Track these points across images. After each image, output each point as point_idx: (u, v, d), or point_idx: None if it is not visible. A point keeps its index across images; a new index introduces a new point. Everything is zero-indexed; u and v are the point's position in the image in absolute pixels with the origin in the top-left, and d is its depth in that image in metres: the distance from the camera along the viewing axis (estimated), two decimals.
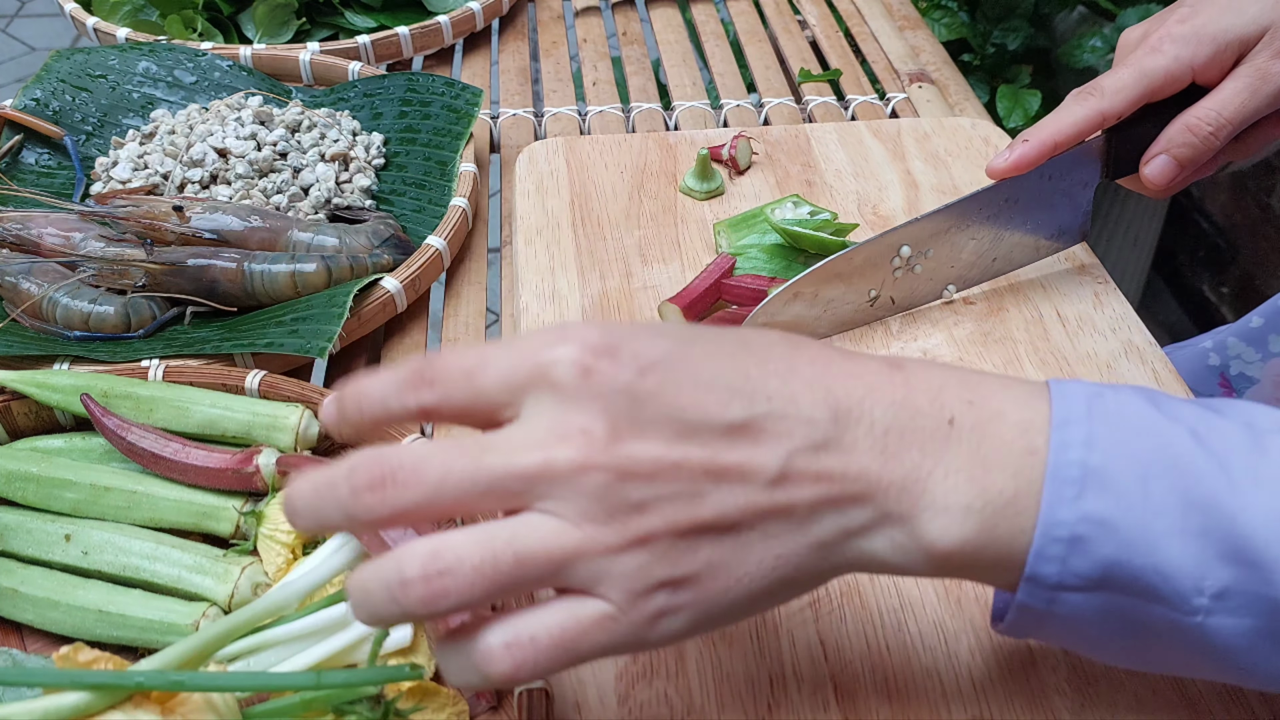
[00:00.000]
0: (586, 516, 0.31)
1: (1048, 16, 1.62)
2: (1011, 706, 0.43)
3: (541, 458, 0.31)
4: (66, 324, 0.60)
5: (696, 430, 0.32)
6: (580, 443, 0.31)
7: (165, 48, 0.81)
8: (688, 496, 0.32)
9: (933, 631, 0.45)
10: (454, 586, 0.31)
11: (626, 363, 0.32)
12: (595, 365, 0.32)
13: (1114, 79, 0.53)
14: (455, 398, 0.33)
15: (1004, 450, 0.34)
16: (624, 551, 0.31)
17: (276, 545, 0.47)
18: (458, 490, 0.31)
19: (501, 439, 0.32)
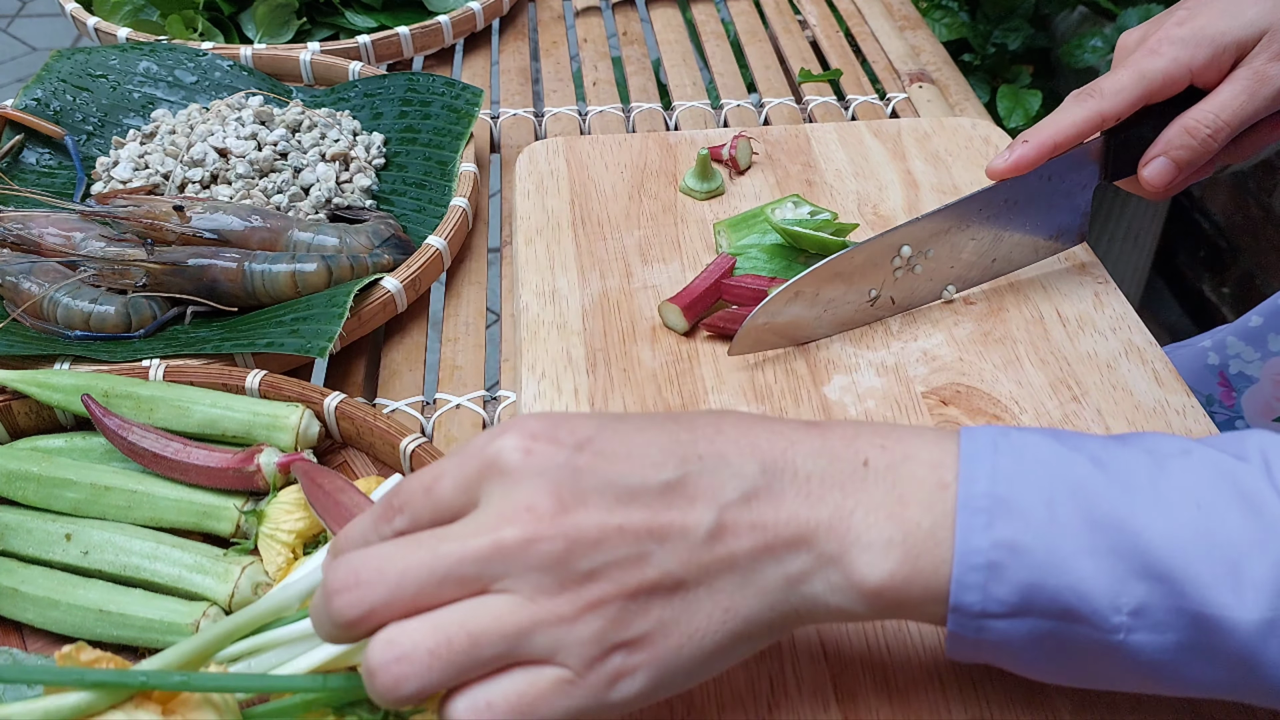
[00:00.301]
0: (539, 589, 0.33)
1: (1048, 16, 1.62)
2: (1011, 707, 0.43)
3: (492, 539, 0.33)
4: (67, 324, 0.60)
5: (635, 494, 0.34)
6: (526, 519, 0.33)
7: (166, 47, 0.81)
8: (634, 559, 0.33)
9: (933, 632, 0.45)
10: (412, 672, 0.32)
11: (564, 440, 0.35)
12: (534, 446, 0.34)
13: (1113, 81, 0.54)
14: (421, 516, 0.35)
15: (917, 486, 0.36)
16: (577, 619, 0.33)
17: (277, 544, 0.47)
18: (418, 582, 0.33)
19: (456, 529, 0.34)
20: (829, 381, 0.57)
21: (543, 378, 0.57)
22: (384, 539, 0.35)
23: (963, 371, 0.57)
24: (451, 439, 0.58)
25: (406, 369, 0.63)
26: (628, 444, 0.35)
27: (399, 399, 0.61)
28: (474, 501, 0.35)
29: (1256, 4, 0.53)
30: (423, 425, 0.59)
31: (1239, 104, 0.53)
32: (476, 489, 0.35)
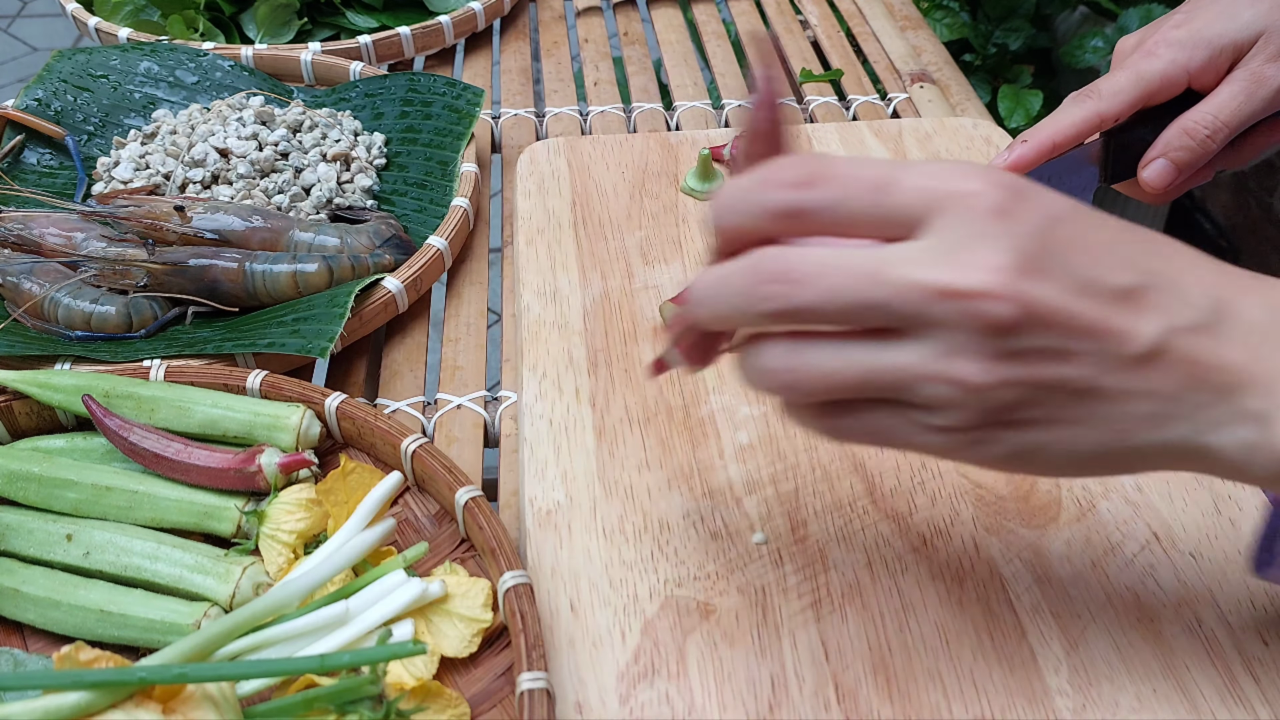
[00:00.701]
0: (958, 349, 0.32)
1: (1049, 17, 1.62)
2: (1013, 707, 0.43)
3: (946, 279, 0.32)
4: (68, 324, 0.60)
5: (1092, 287, 0.33)
6: (985, 273, 0.32)
7: (167, 48, 0.81)
8: (1064, 352, 0.33)
9: (934, 632, 0.45)
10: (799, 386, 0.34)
11: (1038, 210, 0.33)
12: (1012, 206, 0.33)
13: (1111, 82, 0.54)
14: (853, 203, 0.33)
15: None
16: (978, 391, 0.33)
17: (278, 545, 0.47)
18: (848, 300, 0.32)
19: (903, 253, 0.33)
20: None
21: (544, 378, 0.57)
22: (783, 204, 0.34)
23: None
24: (453, 439, 0.58)
25: (407, 369, 0.63)
26: (1096, 235, 0.34)
27: (400, 399, 0.61)
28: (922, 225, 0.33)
29: (1253, 6, 0.53)
30: (424, 425, 0.59)
31: (1237, 105, 0.53)
32: (929, 216, 0.33)
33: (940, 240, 0.33)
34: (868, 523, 0.50)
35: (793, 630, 0.45)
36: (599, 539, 0.49)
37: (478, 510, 0.48)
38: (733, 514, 0.50)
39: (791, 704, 0.43)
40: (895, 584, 0.47)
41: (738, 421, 0.54)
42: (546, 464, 0.52)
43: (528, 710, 0.40)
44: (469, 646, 0.44)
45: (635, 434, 0.54)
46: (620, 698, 0.43)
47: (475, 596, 0.45)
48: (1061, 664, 0.44)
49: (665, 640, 0.45)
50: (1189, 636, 0.45)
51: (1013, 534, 0.49)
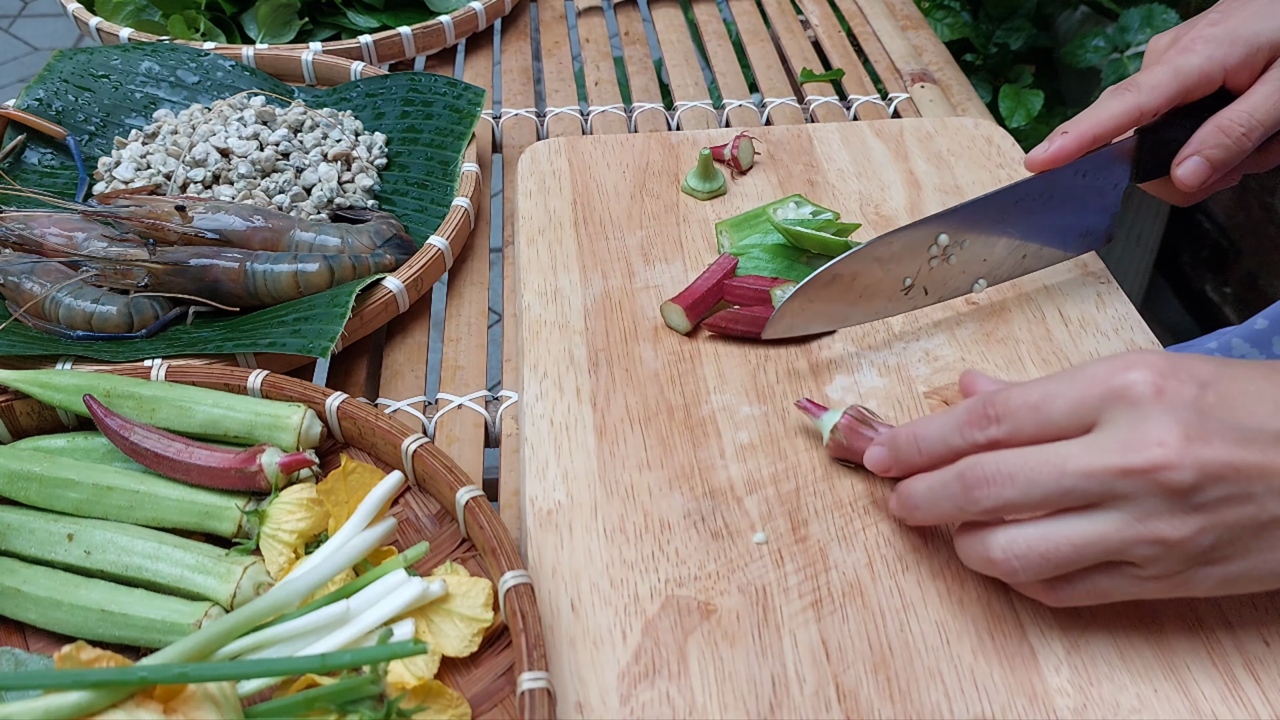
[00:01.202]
0: (1150, 513, 0.39)
1: (1050, 16, 1.62)
2: (1014, 707, 0.43)
3: (1123, 460, 0.38)
4: (69, 324, 0.60)
5: (1253, 438, 0.39)
6: (1157, 449, 0.38)
7: (168, 48, 0.81)
8: (1242, 496, 0.38)
9: (935, 632, 0.45)
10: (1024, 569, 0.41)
11: (1189, 380, 0.39)
12: (1164, 384, 0.39)
13: (1149, 76, 0.54)
14: (1023, 429, 0.41)
15: None
16: (1177, 544, 0.39)
17: (279, 545, 0.47)
18: (1044, 489, 0.40)
19: (1079, 447, 0.39)
20: (831, 381, 0.57)
21: (545, 377, 0.57)
22: (969, 443, 0.42)
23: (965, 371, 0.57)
24: (453, 439, 0.58)
25: (408, 369, 0.63)
26: (1245, 389, 0.40)
27: (401, 399, 0.61)
28: (1087, 425, 0.40)
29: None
30: (425, 425, 0.59)
31: (1272, 104, 0.53)
32: (1095, 414, 0.40)
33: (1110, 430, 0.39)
34: (868, 522, 0.50)
35: (793, 630, 0.45)
36: (600, 539, 0.49)
37: (478, 510, 0.48)
38: (733, 513, 0.50)
39: (792, 703, 0.43)
40: (896, 583, 0.47)
41: (738, 421, 0.54)
42: (547, 464, 0.52)
43: (529, 710, 0.40)
44: (470, 646, 0.44)
45: (636, 434, 0.54)
46: (621, 697, 0.43)
47: (476, 596, 0.45)
48: (1062, 664, 0.44)
49: (666, 640, 0.45)
50: (1190, 637, 0.45)
51: None
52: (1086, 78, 1.57)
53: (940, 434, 0.44)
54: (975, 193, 0.70)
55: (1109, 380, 0.40)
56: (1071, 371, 0.41)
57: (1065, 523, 0.40)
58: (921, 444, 0.44)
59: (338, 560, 0.44)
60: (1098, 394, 0.40)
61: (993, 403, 0.42)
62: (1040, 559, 0.41)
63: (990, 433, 0.42)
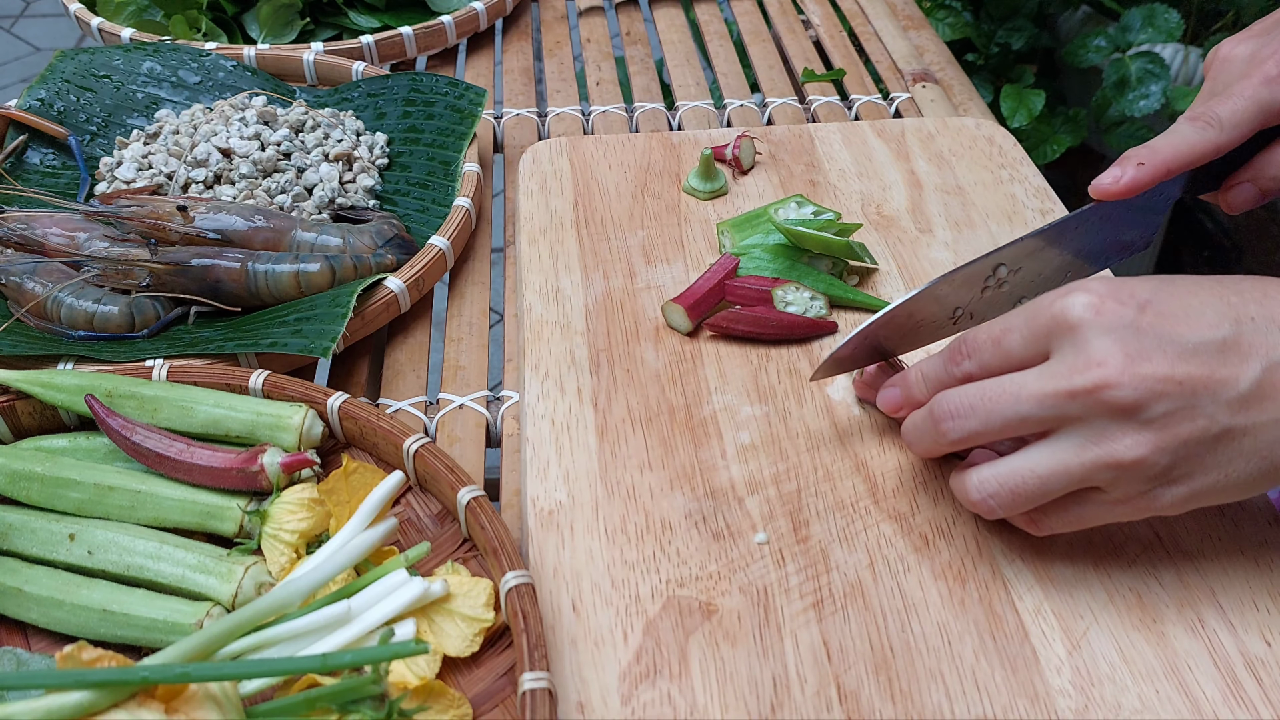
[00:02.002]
0: (1102, 434, 0.40)
1: (1052, 16, 1.61)
2: (1015, 708, 0.43)
3: (1068, 384, 0.40)
4: (71, 324, 0.60)
5: (1194, 351, 0.40)
6: (1098, 370, 0.40)
7: (169, 48, 0.82)
8: (1188, 410, 0.40)
9: (936, 633, 0.45)
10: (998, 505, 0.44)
11: (1128, 301, 0.41)
12: (1102, 305, 0.41)
13: (1231, 110, 0.51)
14: (989, 363, 0.44)
15: None
16: (1132, 464, 0.40)
17: (280, 545, 0.47)
18: (1003, 418, 0.42)
19: (1032, 376, 0.42)
20: (832, 382, 0.57)
21: (546, 378, 0.57)
22: (954, 378, 0.45)
23: None
24: (455, 439, 0.58)
25: (410, 369, 0.63)
26: (1184, 305, 0.41)
27: (402, 399, 0.61)
28: (1041, 354, 0.42)
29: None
30: (426, 425, 0.59)
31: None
32: (1046, 343, 0.42)
33: (1057, 358, 0.41)
34: (870, 523, 0.50)
35: (795, 630, 0.45)
36: (601, 539, 0.49)
37: (480, 510, 0.48)
38: (735, 514, 0.50)
39: (794, 704, 0.43)
40: (897, 584, 0.47)
41: (739, 421, 0.54)
42: (548, 464, 0.52)
43: (530, 710, 0.40)
44: (471, 646, 0.44)
45: (637, 434, 0.54)
46: (622, 698, 0.43)
47: (477, 596, 0.45)
48: (1064, 665, 0.44)
49: (667, 640, 0.45)
50: (1191, 637, 0.45)
51: (1015, 534, 0.49)
52: (1088, 77, 1.57)
53: (934, 372, 0.47)
54: (977, 192, 0.70)
55: (1052, 308, 0.42)
56: (1027, 305, 0.44)
57: (1027, 455, 0.43)
58: (926, 382, 0.47)
59: (339, 560, 0.44)
60: (1044, 322, 0.42)
61: (964, 340, 0.45)
62: (1010, 494, 0.43)
63: (964, 367, 0.45)
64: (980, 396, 0.43)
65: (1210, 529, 0.49)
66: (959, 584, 0.47)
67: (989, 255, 0.52)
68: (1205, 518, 0.50)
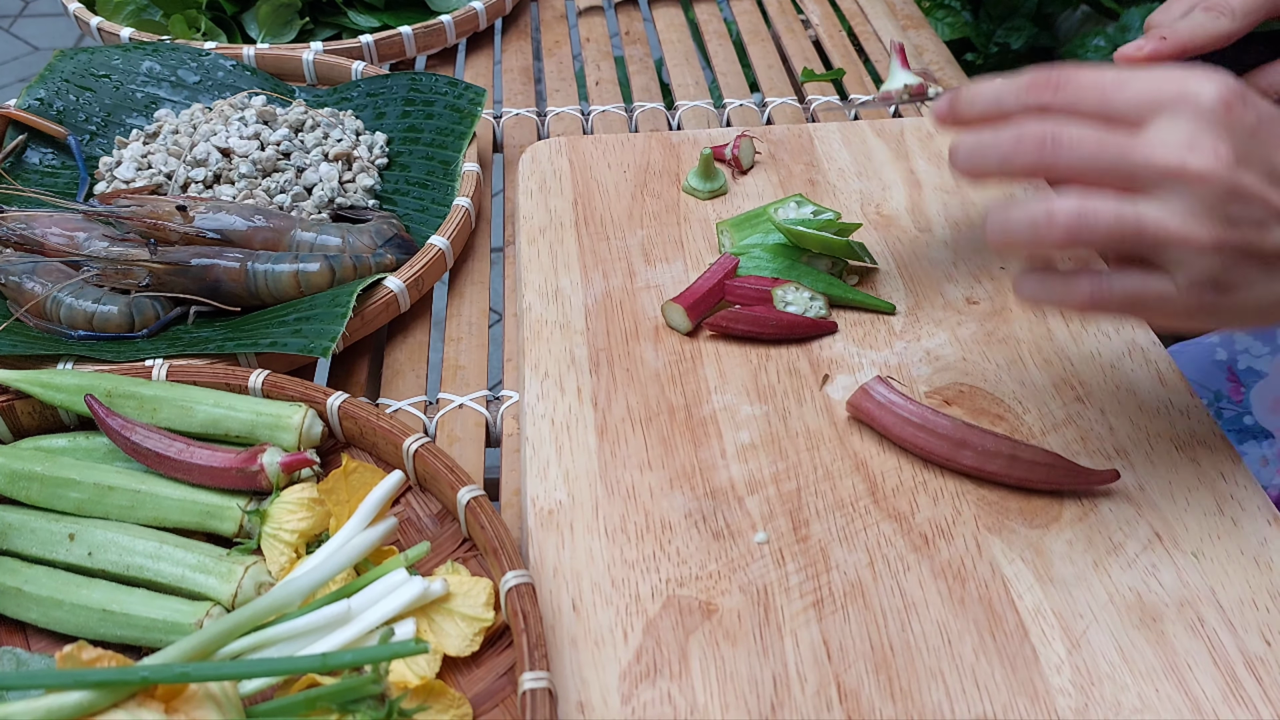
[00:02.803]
0: (1190, 214, 0.41)
1: (1051, 16, 1.62)
2: (1015, 707, 0.43)
3: (1179, 159, 0.41)
4: (70, 323, 0.60)
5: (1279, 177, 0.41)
6: (1211, 158, 0.40)
7: (169, 47, 0.81)
8: (1261, 224, 0.41)
9: (936, 632, 0.45)
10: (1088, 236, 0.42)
11: (1251, 109, 0.42)
12: (1233, 104, 0.41)
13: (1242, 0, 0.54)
14: (1082, 104, 0.43)
15: None
16: (1204, 251, 0.41)
17: (280, 544, 0.47)
18: (1103, 164, 0.42)
19: (1142, 137, 0.41)
20: (832, 381, 0.57)
21: (546, 377, 0.57)
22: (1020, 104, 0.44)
23: (966, 371, 0.57)
24: (454, 439, 0.58)
25: (409, 369, 0.63)
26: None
27: (402, 399, 0.61)
28: (1146, 121, 0.42)
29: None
30: (425, 425, 0.59)
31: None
32: (1157, 111, 0.42)
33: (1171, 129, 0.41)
34: (870, 522, 0.50)
35: (795, 630, 0.45)
36: (601, 538, 0.49)
37: (479, 510, 0.48)
38: (734, 513, 0.50)
39: (794, 703, 0.43)
40: (897, 583, 0.47)
41: (739, 421, 0.54)
42: (548, 463, 0.52)
43: (530, 710, 0.40)
44: (471, 645, 0.44)
45: (637, 433, 0.54)
46: (623, 697, 0.43)
47: (477, 596, 0.45)
48: (1064, 664, 0.44)
49: (667, 640, 0.45)
50: (1191, 636, 0.45)
51: (1015, 534, 0.49)
52: None
53: (996, 91, 0.45)
54: (975, 192, 0.70)
55: (1185, 82, 0.42)
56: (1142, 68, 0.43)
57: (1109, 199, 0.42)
58: (977, 101, 0.46)
59: (339, 560, 0.44)
60: (1172, 91, 0.42)
61: (1062, 73, 0.43)
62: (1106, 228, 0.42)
63: (1045, 98, 0.43)
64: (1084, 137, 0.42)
65: (1210, 528, 0.50)
66: (959, 583, 0.47)
67: None
68: (1204, 517, 0.50)
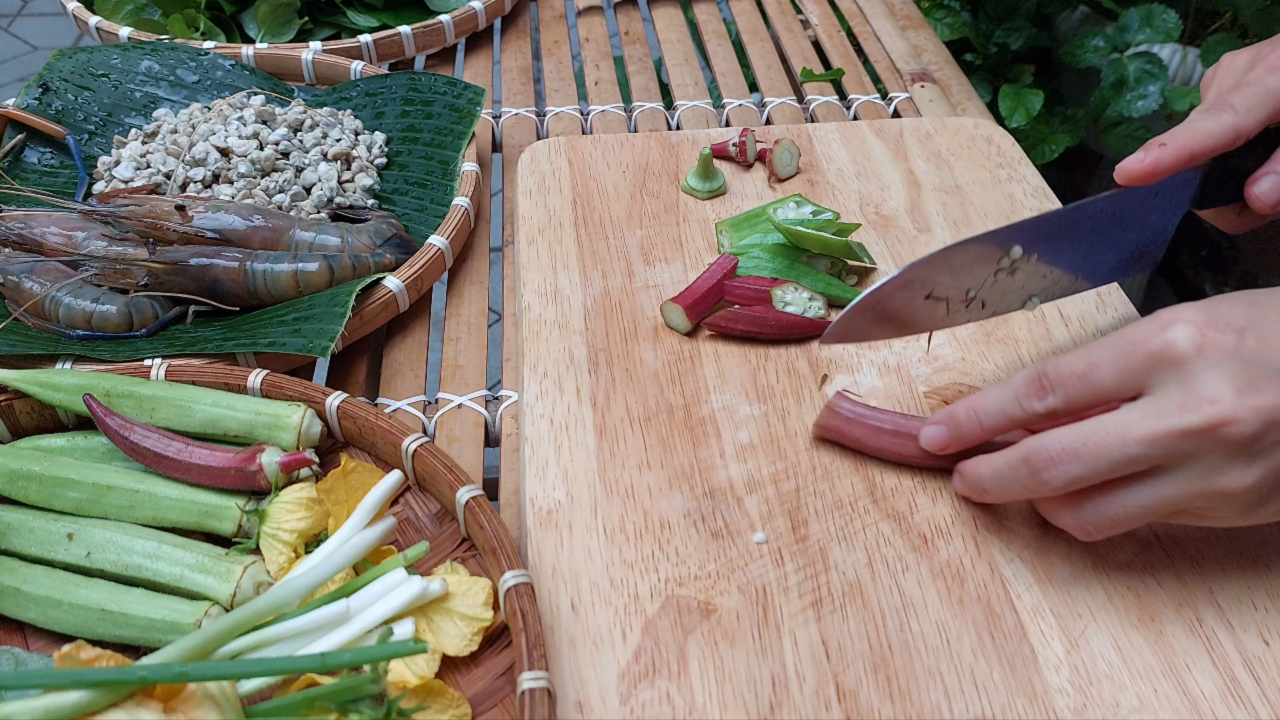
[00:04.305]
0: (1213, 468, 0.40)
1: (1050, 16, 1.62)
2: (1013, 707, 0.43)
3: (1181, 423, 0.39)
4: (69, 323, 0.60)
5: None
6: (1210, 407, 0.39)
7: (168, 47, 0.81)
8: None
9: (935, 631, 0.45)
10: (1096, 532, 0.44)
11: (1226, 330, 0.40)
12: (1205, 339, 0.40)
13: (1243, 97, 0.51)
14: (1075, 399, 0.43)
15: None
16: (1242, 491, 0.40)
17: (279, 544, 0.47)
18: (1110, 461, 0.41)
19: (1136, 414, 0.41)
20: (831, 381, 0.57)
21: (545, 377, 0.57)
22: (1029, 414, 0.44)
23: (965, 371, 0.57)
24: (453, 439, 0.58)
25: (408, 368, 0.63)
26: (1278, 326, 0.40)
27: (401, 399, 0.61)
28: (1137, 389, 0.41)
29: None
30: (425, 425, 0.59)
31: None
32: (1142, 378, 0.41)
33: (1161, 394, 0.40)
34: (868, 522, 0.50)
35: (793, 629, 0.45)
36: (600, 538, 0.49)
37: (478, 509, 0.48)
38: (733, 513, 0.50)
39: (792, 703, 0.43)
40: (896, 583, 0.47)
41: (738, 421, 0.54)
42: (547, 463, 0.52)
43: (529, 709, 0.40)
44: (470, 645, 0.44)
45: (636, 433, 0.54)
46: (621, 697, 0.43)
47: (476, 595, 0.45)
48: (1062, 663, 0.44)
49: (666, 639, 0.45)
50: (1189, 636, 0.45)
51: (1013, 533, 0.49)
52: (1086, 77, 1.57)
53: (1000, 407, 0.45)
54: (976, 192, 0.70)
55: (1149, 344, 0.41)
56: (1114, 337, 0.42)
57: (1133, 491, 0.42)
58: (983, 418, 0.46)
59: (338, 559, 0.44)
60: (1141, 358, 0.41)
61: (1045, 373, 0.43)
62: (1112, 523, 0.43)
63: (1048, 403, 0.43)
64: (1083, 440, 0.41)
65: (1209, 529, 0.50)
66: (957, 583, 0.47)
67: (1004, 230, 0.51)
68: None
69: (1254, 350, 0.40)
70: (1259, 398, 0.39)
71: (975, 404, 0.46)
